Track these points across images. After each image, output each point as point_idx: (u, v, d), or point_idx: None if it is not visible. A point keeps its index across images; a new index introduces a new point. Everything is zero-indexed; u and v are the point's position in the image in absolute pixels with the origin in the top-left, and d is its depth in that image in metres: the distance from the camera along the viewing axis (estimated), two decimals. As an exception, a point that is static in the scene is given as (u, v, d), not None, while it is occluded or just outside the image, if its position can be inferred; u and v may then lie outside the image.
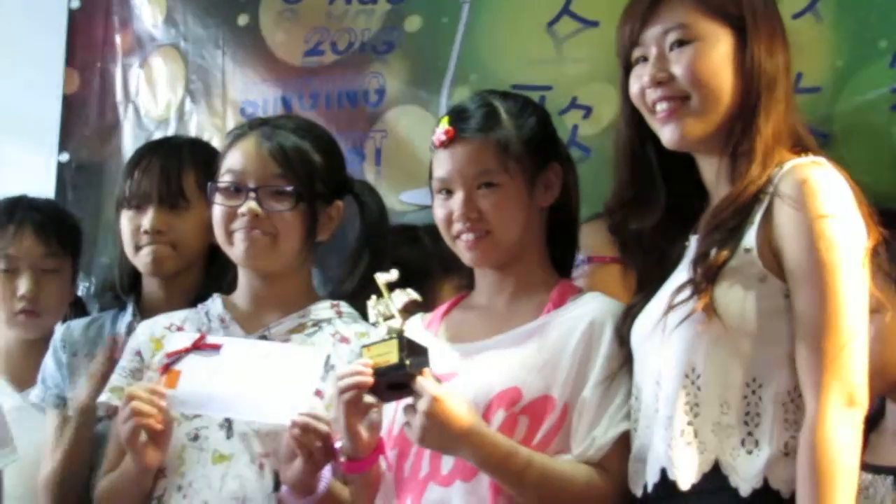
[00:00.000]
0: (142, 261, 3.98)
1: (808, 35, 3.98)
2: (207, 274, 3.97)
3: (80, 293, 4.72)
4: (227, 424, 3.36)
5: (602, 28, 4.15)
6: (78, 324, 4.17)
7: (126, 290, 4.07)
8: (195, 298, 3.80)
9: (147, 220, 3.94)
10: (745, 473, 2.80)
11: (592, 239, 3.61)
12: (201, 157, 4.06)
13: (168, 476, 3.36)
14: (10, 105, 5.19)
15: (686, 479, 2.83)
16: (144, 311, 3.92)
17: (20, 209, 4.41)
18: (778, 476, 2.76)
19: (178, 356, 3.40)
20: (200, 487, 3.33)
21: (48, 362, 4.11)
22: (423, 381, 2.91)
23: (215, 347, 3.39)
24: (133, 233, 3.97)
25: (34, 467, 3.92)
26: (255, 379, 3.34)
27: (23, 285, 4.30)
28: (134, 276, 4.10)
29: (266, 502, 3.31)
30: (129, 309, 4.04)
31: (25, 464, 3.82)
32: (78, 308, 4.60)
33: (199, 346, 3.41)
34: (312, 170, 3.48)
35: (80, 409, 3.81)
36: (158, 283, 3.98)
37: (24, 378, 4.33)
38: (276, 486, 3.30)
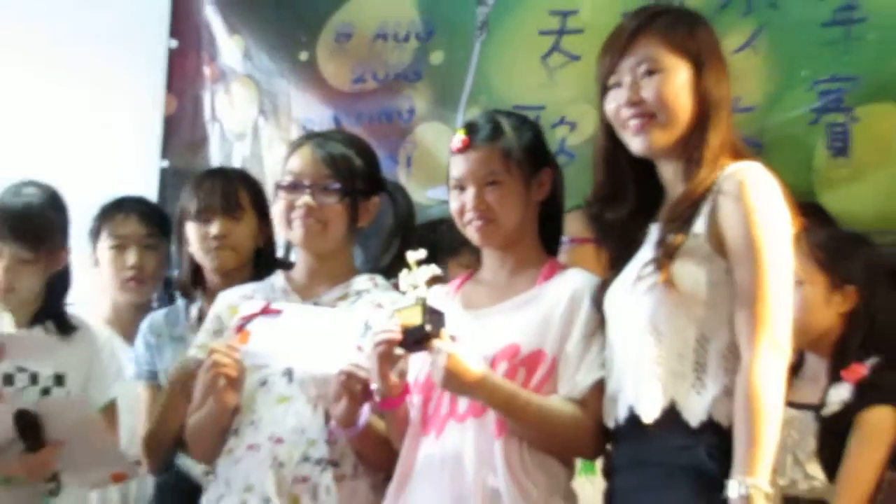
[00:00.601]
0: (210, 261, 4.00)
1: (745, 66, 3.93)
2: (255, 270, 3.93)
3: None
4: (288, 373, 3.31)
5: (584, 61, 4.10)
6: (159, 314, 4.22)
7: (193, 285, 4.07)
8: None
9: (214, 227, 3.96)
10: (695, 410, 2.79)
11: (573, 225, 3.51)
12: (249, 180, 4.19)
13: (242, 414, 3.32)
14: (122, 124, 5.08)
15: (649, 414, 2.83)
16: (209, 301, 3.85)
17: (127, 201, 4.50)
18: (719, 411, 2.75)
19: (249, 319, 3.37)
20: (267, 422, 3.28)
21: (138, 346, 4.17)
22: (438, 342, 2.93)
23: (278, 312, 3.37)
24: (202, 239, 3.98)
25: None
26: (310, 337, 3.32)
27: (130, 258, 4.40)
28: (197, 273, 4.09)
29: (319, 434, 3.25)
30: (199, 300, 4.05)
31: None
32: (167, 285, 4.63)
33: (265, 311, 3.38)
34: (354, 172, 3.45)
35: (171, 379, 3.78)
36: (220, 278, 3.95)
37: (130, 336, 4.31)
38: (327, 420, 3.25)
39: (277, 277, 3.57)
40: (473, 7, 4.45)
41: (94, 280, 4.48)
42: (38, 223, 3.79)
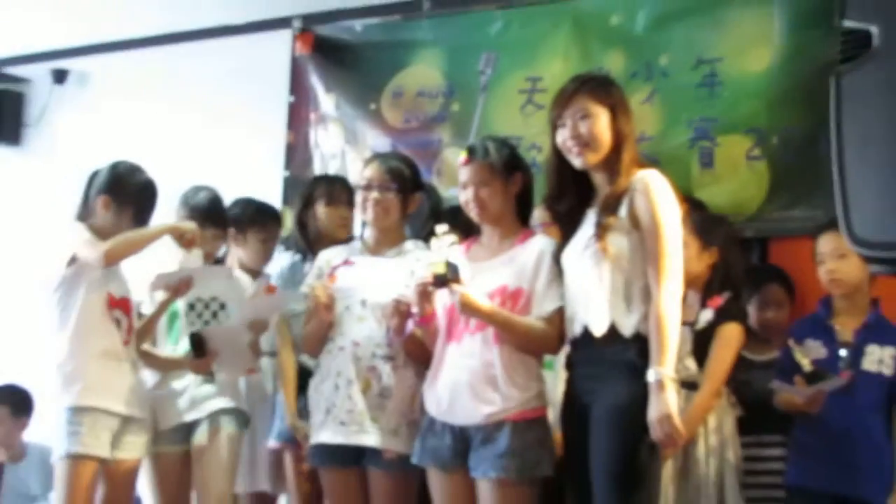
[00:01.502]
0: (333, 232, 3.80)
1: (646, 112, 3.96)
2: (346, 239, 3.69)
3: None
4: (363, 301, 3.31)
5: (546, 109, 3.95)
6: (285, 267, 3.96)
7: (310, 248, 3.79)
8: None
9: (341, 212, 3.84)
10: (627, 326, 2.83)
11: (541, 213, 3.43)
12: (348, 184, 3.95)
13: (335, 328, 3.33)
14: (261, 150, 4.93)
15: (598, 329, 2.87)
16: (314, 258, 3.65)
17: (252, 204, 3.99)
18: (643, 327, 2.80)
19: (336, 268, 3.43)
20: (350, 333, 3.30)
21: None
22: (456, 286, 2.97)
23: (353, 263, 3.41)
24: (330, 218, 3.82)
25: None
26: (374, 278, 3.34)
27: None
28: (311, 240, 3.82)
29: (382, 340, 3.27)
30: (310, 258, 3.71)
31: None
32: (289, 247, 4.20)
33: (345, 263, 3.42)
34: (404, 177, 3.42)
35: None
36: (330, 243, 3.64)
37: None
38: (387, 331, 3.26)
39: (357, 242, 3.53)
40: (478, 76, 4.37)
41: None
42: (219, 210, 3.78)
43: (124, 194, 3.45)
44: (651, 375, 2.73)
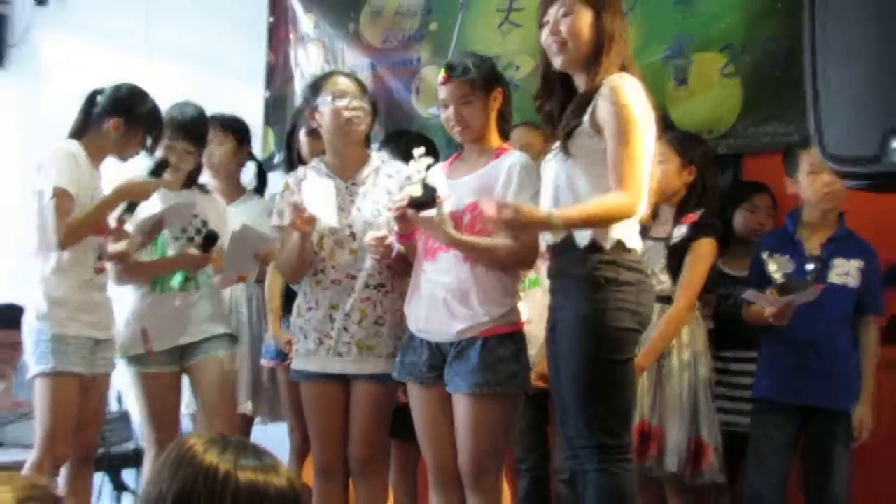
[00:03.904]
0: (309, 154, 3.71)
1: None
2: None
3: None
4: (352, 235, 3.23)
5: (524, 28, 4.04)
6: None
7: (294, 164, 3.74)
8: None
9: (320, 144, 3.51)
10: (582, 236, 2.72)
11: (518, 134, 3.42)
12: None
13: (326, 261, 3.23)
14: (239, 72, 4.83)
15: (554, 240, 2.80)
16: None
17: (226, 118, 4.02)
18: (599, 235, 2.70)
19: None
20: (344, 266, 3.22)
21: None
22: (426, 213, 2.91)
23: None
24: (311, 145, 3.72)
25: None
26: (360, 212, 3.25)
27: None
28: (295, 163, 3.78)
29: (374, 270, 3.20)
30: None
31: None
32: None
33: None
34: (368, 94, 3.34)
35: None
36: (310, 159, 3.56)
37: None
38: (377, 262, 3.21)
39: (320, 164, 3.35)
40: None
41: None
42: (198, 127, 3.70)
43: (135, 118, 3.46)
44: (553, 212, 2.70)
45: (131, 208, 3.44)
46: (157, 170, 3.51)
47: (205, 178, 3.92)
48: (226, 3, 4.93)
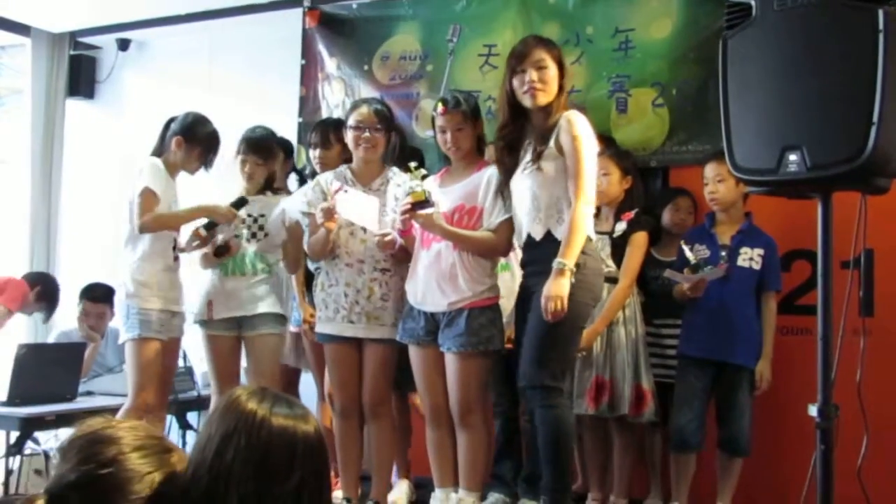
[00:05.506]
0: (321, 168, 3.55)
1: (576, 71, 3.79)
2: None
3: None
4: (364, 229, 3.18)
5: (499, 69, 3.82)
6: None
7: (311, 175, 3.65)
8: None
9: (331, 152, 3.61)
10: (558, 232, 2.79)
11: (492, 151, 3.35)
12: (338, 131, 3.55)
13: (342, 247, 3.19)
14: (278, 103, 4.65)
15: (537, 235, 2.86)
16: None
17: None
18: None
19: (336, 191, 3.16)
20: (357, 253, 3.18)
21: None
22: (425, 210, 2.95)
23: (348, 192, 3.16)
24: (322, 158, 3.62)
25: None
26: (369, 211, 3.16)
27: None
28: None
29: (381, 257, 3.17)
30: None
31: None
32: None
33: (343, 190, 3.16)
34: (389, 121, 3.27)
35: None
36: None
37: None
38: (384, 250, 3.18)
39: (346, 171, 3.28)
40: (447, 44, 4.21)
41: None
42: (266, 144, 3.59)
43: (195, 138, 3.47)
44: (555, 264, 2.70)
45: (210, 226, 3.44)
46: (238, 204, 3.47)
47: None
48: (268, 49, 4.86)
